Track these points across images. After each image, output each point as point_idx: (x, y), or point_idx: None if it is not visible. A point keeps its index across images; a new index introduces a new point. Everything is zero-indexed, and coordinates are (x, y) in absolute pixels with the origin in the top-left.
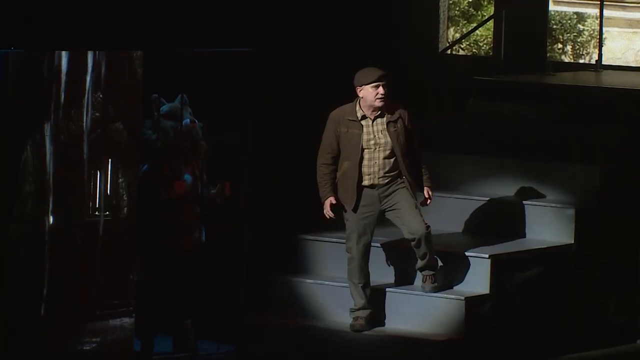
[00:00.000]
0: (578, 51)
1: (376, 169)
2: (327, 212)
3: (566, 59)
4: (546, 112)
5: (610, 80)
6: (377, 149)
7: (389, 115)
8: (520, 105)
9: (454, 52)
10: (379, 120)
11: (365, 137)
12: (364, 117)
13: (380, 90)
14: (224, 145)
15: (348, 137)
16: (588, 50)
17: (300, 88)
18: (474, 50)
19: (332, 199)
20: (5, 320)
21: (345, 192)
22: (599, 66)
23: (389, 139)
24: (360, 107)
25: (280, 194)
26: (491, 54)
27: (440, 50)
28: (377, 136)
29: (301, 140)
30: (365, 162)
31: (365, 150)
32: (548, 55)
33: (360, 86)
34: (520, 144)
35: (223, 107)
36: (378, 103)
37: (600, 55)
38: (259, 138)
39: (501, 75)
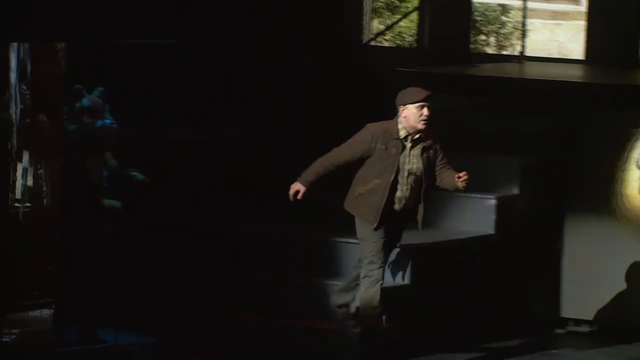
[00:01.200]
0: (501, 43)
1: (404, 194)
2: (293, 193)
3: (490, 51)
4: (469, 104)
5: (533, 71)
6: (410, 174)
7: (427, 142)
8: (444, 97)
9: (378, 44)
10: (418, 145)
11: (401, 159)
12: (406, 137)
13: (425, 111)
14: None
15: (385, 155)
16: (511, 41)
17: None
18: (398, 42)
19: (304, 190)
20: None
21: (369, 210)
22: (522, 58)
23: (421, 165)
24: (403, 126)
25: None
26: (415, 45)
27: (364, 42)
28: (412, 160)
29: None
30: (397, 185)
31: (399, 172)
32: (472, 46)
33: (404, 105)
34: (442, 135)
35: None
36: (421, 125)
37: (523, 46)
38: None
39: (425, 67)
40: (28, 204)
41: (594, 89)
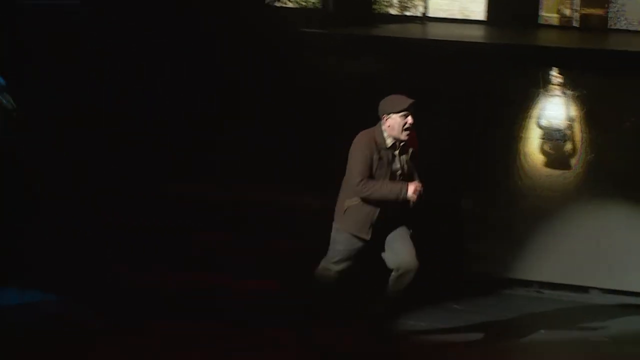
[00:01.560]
0: (404, 4)
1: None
2: (419, 190)
3: (393, 12)
4: (372, 64)
5: (436, 32)
6: (401, 180)
7: (412, 146)
8: (347, 58)
9: (282, 5)
10: (405, 149)
11: (393, 166)
12: (393, 145)
13: (409, 119)
14: None
15: (379, 164)
16: (414, 2)
17: None
18: (302, 3)
19: (409, 184)
20: None
21: (359, 222)
22: (424, 18)
23: (410, 169)
24: (388, 134)
25: None
26: (320, 6)
27: (267, 2)
28: (404, 166)
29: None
30: None
31: (391, 180)
32: (374, 7)
33: (388, 114)
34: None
35: None
36: (404, 136)
37: (425, 7)
38: None
39: (329, 28)
40: None
41: (496, 49)
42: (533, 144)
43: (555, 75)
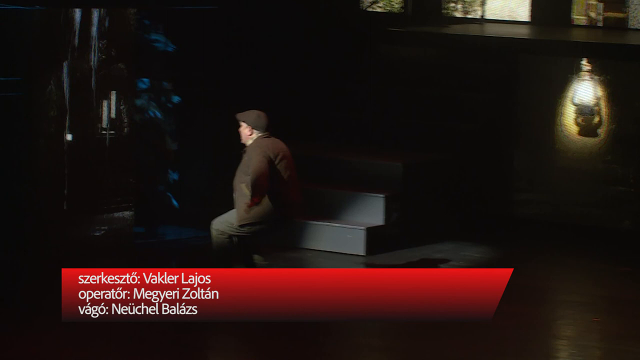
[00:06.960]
0: (467, 8)
1: None
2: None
3: (457, 14)
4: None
5: (490, 30)
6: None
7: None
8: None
9: (373, 9)
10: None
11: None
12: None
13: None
14: None
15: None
16: (474, 7)
17: None
18: (388, 8)
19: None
20: (39, 212)
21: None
22: (482, 20)
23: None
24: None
25: None
26: (402, 11)
27: (362, 7)
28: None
29: None
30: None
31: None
32: (444, 11)
33: (249, 126)
34: None
35: None
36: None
37: (483, 11)
38: None
39: (408, 27)
40: (112, 132)
41: (536, 44)
42: (569, 117)
43: (585, 64)
